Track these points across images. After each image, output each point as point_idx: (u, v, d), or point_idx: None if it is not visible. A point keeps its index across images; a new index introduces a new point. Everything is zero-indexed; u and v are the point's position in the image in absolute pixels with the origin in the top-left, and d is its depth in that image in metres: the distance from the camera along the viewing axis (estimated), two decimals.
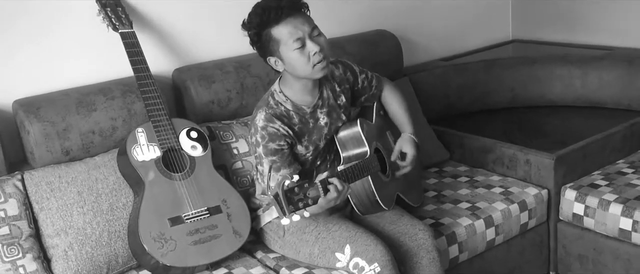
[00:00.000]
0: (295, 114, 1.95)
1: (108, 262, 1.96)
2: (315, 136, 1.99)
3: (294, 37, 1.82)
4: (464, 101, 3.10)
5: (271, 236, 2.08)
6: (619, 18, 3.22)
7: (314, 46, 1.83)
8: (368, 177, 1.93)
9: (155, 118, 2.03)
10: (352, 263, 1.88)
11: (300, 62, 1.84)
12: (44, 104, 2.05)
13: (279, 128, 1.90)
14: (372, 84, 2.17)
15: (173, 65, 2.41)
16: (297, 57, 1.83)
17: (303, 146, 1.97)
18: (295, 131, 1.94)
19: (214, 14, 2.50)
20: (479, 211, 2.29)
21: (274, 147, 1.90)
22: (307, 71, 1.86)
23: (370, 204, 1.98)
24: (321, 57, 1.84)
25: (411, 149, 2.07)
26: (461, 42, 3.43)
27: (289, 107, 1.95)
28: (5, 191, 1.91)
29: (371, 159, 1.97)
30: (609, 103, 2.99)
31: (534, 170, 2.46)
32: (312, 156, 2.01)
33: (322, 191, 1.66)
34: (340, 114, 2.04)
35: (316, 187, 1.64)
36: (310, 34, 1.84)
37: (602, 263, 2.37)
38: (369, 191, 1.95)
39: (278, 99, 1.95)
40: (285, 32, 1.82)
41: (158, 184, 1.95)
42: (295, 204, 1.58)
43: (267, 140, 1.90)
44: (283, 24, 1.82)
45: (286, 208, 1.56)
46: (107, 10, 2.14)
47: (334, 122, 2.03)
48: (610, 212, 2.28)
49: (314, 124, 1.98)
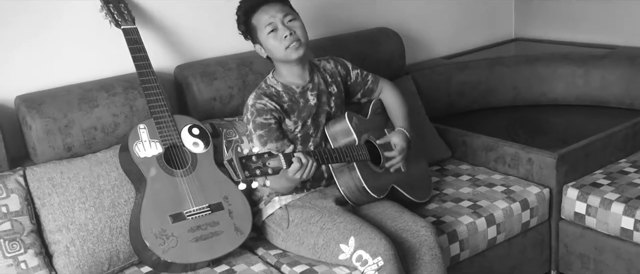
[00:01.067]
0: (285, 93, 2.05)
1: (109, 258, 1.97)
2: (305, 113, 2.06)
3: (266, 23, 1.99)
4: (466, 99, 3.09)
5: (274, 228, 2.08)
6: (622, 17, 3.21)
7: (285, 30, 1.98)
8: (354, 165, 1.98)
9: (157, 114, 2.03)
10: (355, 255, 1.89)
11: (274, 45, 2.00)
12: (46, 99, 2.05)
13: (266, 103, 2.00)
14: (367, 80, 2.25)
15: (175, 62, 2.41)
16: (271, 42, 2.00)
17: (291, 121, 2.04)
18: (284, 107, 2.03)
19: (216, 10, 2.50)
20: (480, 210, 2.29)
21: (261, 121, 1.98)
22: (281, 53, 2.00)
23: (359, 193, 2.02)
24: (292, 39, 1.98)
25: (400, 141, 2.12)
26: (464, 40, 3.43)
27: (280, 88, 2.07)
28: (7, 187, 1.91)
29: (358, 147, 2.01)
30: (611, 102, 2.99)
31: (535, 169, 2.46)
32: (302, 134, 2.06)
33: (284, 163, 1.71)
34: (329, 100, 2.12)
35: (278, 158, 1.67)
36: (282, 20, 1.99)
37: (604, 263, 2.37)
38: (356, 179, 2.00)
39: (269, 83, 2.09)
40: (261, 19, 2.00)
41: (160, 181, 1.95)
42: (252, 171, 1.60)
43: (255, 115, 1.99)
44: (259, 12, 2.01)
45: (241, 173, 1.57)
46: (110, 6, 2.14)
47: (322, 105, 2.10)
48: (612, 211, 2.28)
49: (304, 104, 2.07)
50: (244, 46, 2.47)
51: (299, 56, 2.00)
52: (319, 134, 2.10)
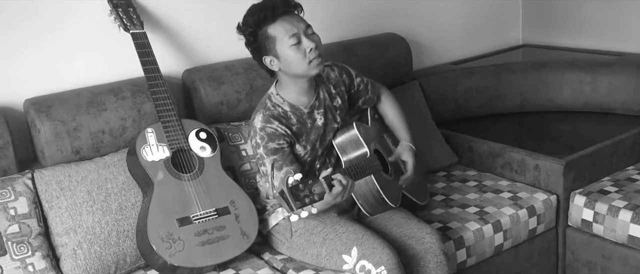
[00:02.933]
0: (292, 114, 1.98)
1: (116, 261, 1.97)
2: (313, 136, 2.01)
3: (290, 34, 1.86)
4: (473, 105, 3.09)
5: (278, 238, 2.08)
6: (630, 23, 3.20)
7: (310, 43, 1.87)
8: (371, 177, 1.94)
9: (164, 119, 2.04)
10: (358, 266, 1.88)
11: (296, 59, 1.88)
12: (55, 103, 2.06)
13: (277, 128, 1.93)
14: (368, 88, 2.21)
15: (183, 66, 2.42)
16: (293, 54, 1.87)
17: (301, 145, 1.99)
18: (293, 130, 1.97)
19: (224, 15, 2.50)
20: (487, 216, 2.29)
21: (274, 147, 1.92)
22: (303, 68, 1.89)
23: (377, 203, 1.99)
24: (317, 53, 1.88)
25: (410, 158, 2.11)
26: (471, 46, 3.43)
27: (287, 108, 1.98)
28: (16, 189, 1.92)
29: (372, 158, 1.99)
30: (618, 109, 2.98)
31: (543, 175, 2.46)
32: (311, 157, 2.02)
33: (327, 187, 1.68)
34: (335, 115, 2.07)
35: (320, 184, 1.65)
36: (305, 32, 1.89)
37: (611, 270, 2.36)
38: (374, 190, 1.97)
39: (275, 101, 1.99)
40: (282, 29, 1.87)
41: (167, 185, 1.96)
42: (302, 200, 1.59)
43: (266, 140, 1.93)
44: (279, 22, 1.87)
45: (293, 204, 1.56)
46: (119, 10, 2.15)
47: (330, 123, 2.05)
48: (620, 218, 2.27)
49: (312, 125, 2.01)
50: None
51: (320, 71, 1.93)
52: (325, 153, 2.07)
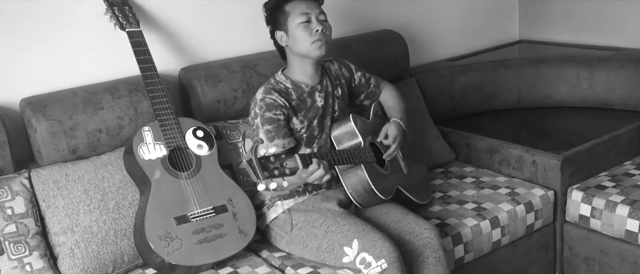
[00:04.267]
0: (293, 91, 2.06)
1: (114, 260, 1.97)
2: (311, 113, 2.07)
3: (302, 12, 1.98)
4: (470, 101, 3.09)
5: (277, 232, 2.08)
6: (627, 18, 3.20)
7: (318, 25, 1.98)
8: (361, 166, 1.98)
9: (161, 117, 2.03)
10: (359, 258, 1.89)
11: (302, 37, 1.98)
12: (51, 102, 2.06)
13: (276, 99, 2.00)
14: (370, 83, 2.26)
15: (180, 65, 2.42)
16: (301, 32, 1.98)
17: (298, 120, 2.04)
18: (292, 105, 2.03)
19: (220, 13, 2.51)
20: (485, 212, 2.29)
21: (270, 116, 1.98)
22: (306, 46, 1.99)
23: (366, 194, 2.02)
24: (321, 36, 1.98)
25: (394, 130, 2.14)
26: (468, 42, 3.43)
27: (289, 85, 2.06)
28: (13, 189, 1.92)
29: (364, 149, 2.01)
30: (616, 104, 2.98)
31: (540, 171, 2.46)
32: (307, 134, 2.06)
33: (301, 164, 1.70)
34: (335, 102, 2.13)
35: (294, 159, 1.67)
36: (317, 16, 2.00)
37: (609, 265, 2.36)
38: (364, 180, 2.00)
39: (278, 79, 2.09)
40: (297, 6, 2.00)
41: (164, 183, 1.96)
42: (270, 171, 1.60)
43: (264, 110, 1.99)
44: (297, 1, 2.00)
45: (260, 173, 1.57)
46: (115, 9, 2.15)
47: (328, 107, 2.10)
48: (617, 213, 2.27)
49: (311, 104, 2.07)
50: (248, 49, 2.49)
51: (321, 54, 2.00)
52: (323, 136, 2.10)
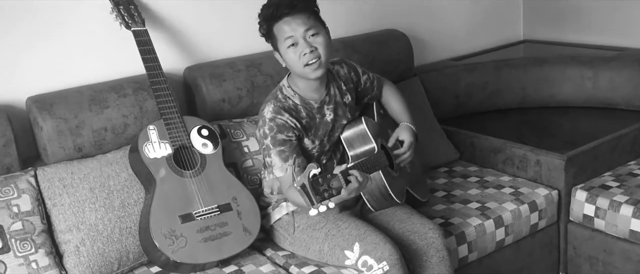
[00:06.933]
0: (302, 108, 1.98)
1: (119, 258, 1.98)
2: (321, 130, 2.02)
3: (286, 36, 1.87)
4: (474, 100, 3.09)
5: (281, 233, 2.09)
6: (631, 18, 3.20)
7: (305, 46, 1.86)
8: (379, 172, 1.94)
9: (166, 116, 2.04)
10: (360, 261, 1.89)
11: (292, 60, 1.89)
12: (57, 100, 2.06)
13: (287, 120, 1.93)
14: (374, 85, 2.21)
15: (185, 63, 2.42)
16: (291, 56, 1.89)
17: (309, 139, 1.99)
18: (303, 124, 1.97)
19: (225, 12, 2.51)
20: (488, 211, 2.29)
21: (282, 138, 1.92)
22: (299, 69, 1.90)
23: (383, 199, 1.99)
24: (312, 57, 1.87)
25: (408, 136, 2.10)
26: (472, 42, 3.43)
27: (297, 101, 1.98)
28: (19, 187, 1.93)
29: (379, 154, 1.98)
30: (620, 104, 2.98)
31: (544, 171, 2.46)
32: (318, 152, 2.03)
33: (344, 182, 1.65)
34: (345, 111, 2.07)
35: (338, 178, 1.62)
36: (304, 35, 1.87)
37: (613, 265, 2.36)
38: (381, 186, 1.97)
39: (286, 94, 1.99)
40: (281, 30, 1.89)
41: (169, 181, 1.96)
42: (321, 194, 1.55)
43: (275, 131, 1.92)
44: (281, 23, 1.88)
45: (314, 198, 1.53)
46: (120, 8, 2.15)
47: (339, 119, 2.05)
48: (621, 213, 2.27)
49: (321, 120, 2.01)
50: (253, 48, 2.49)
51: (317, 76, 1.91)
52: (332, 148, 2.07)
